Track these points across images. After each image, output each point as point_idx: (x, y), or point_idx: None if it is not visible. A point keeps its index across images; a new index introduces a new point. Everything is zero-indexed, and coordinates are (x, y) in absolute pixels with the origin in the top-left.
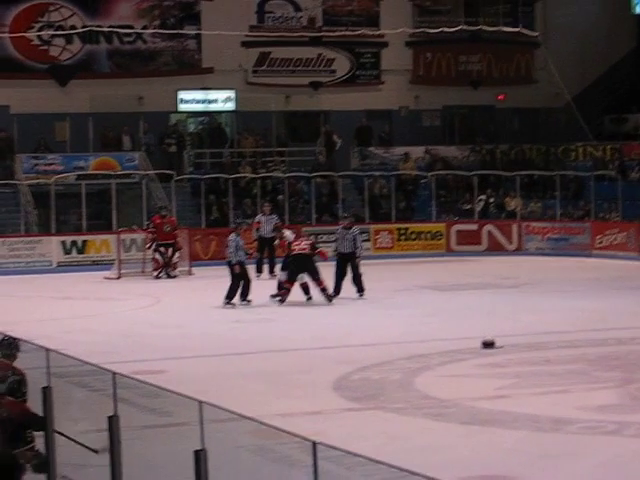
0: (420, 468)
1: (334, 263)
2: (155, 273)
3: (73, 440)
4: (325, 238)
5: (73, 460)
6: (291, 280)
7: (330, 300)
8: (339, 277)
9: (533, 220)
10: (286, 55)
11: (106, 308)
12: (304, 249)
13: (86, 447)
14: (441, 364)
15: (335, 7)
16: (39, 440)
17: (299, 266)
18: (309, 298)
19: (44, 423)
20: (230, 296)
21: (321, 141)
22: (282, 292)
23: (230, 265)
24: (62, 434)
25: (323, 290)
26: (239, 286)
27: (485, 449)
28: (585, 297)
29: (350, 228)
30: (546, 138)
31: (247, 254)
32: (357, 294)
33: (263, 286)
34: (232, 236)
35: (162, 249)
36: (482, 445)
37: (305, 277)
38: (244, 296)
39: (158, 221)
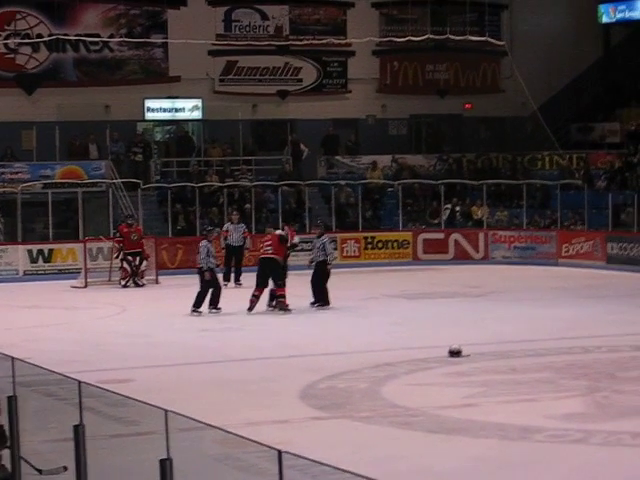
0: (387, 477)
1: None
2: (123, 282)
3: (25, 460)
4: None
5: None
6: (260, 286)
7: (284, 310)
8: (313, 285)
9: (500, 229)
10: (253, 64)
11: (72, 317)
12: (267, 253)
13: (32, 466)
14: (408, 373)
15: (302, 16)
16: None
17: (265, 270)
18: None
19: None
20: (197, 304)
21: (288, 150)
22: (251, 299)
23: (201, 272)
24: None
25: (280, 296)
26: (207, 293)
27: (452, 458)
28: (551, 306)
29: (320, 236)
30: (513, 147)
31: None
32: (314, 304)
33: (230, 295)
34: (203, 243)
35: (130, 258)
36: (449, 454)
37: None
38: (214, 304)
39: (125, 230)
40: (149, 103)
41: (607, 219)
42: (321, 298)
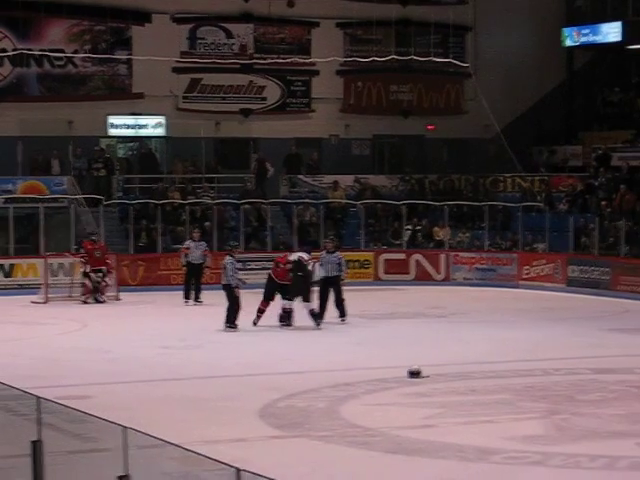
0: None
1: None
2: (83, 298)
3: None
4: (253, 265)
5: None
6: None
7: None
8: (324, 300)
9: (461, 250)
10: (217, 82)
11: (32, 332)
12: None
13: None
14: (367, 393)
15: (266, 35)
16: None
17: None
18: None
19: None
20: (230, 319)
21: (255, 167)
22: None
23: (229, 288)
24: None
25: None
26: (239, 309)
27: (410, 478)
28: (512, 328)
29: (334, 252)
30: (475, 169)
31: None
32: (339, 319)
33: (190, 313)
34: (228, 259)
35: (92, 275)
36: (407, 474)
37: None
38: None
39: (89, 247)
40: (112, 119)
41: (568, 242)
42: (343, 312)
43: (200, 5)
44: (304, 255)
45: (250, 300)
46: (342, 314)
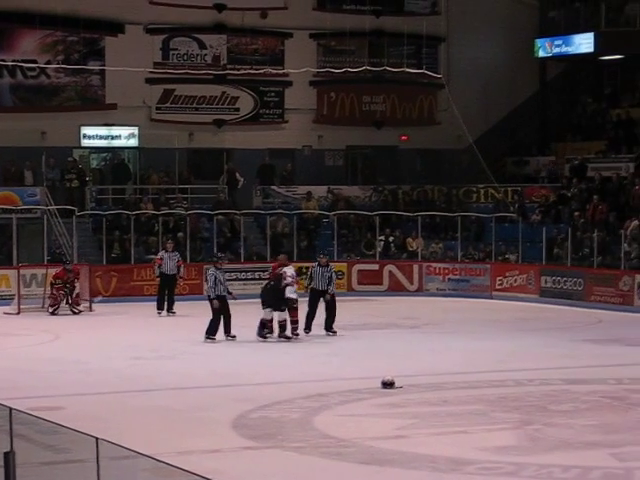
0: None
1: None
2: (51, 309)
3: None
4: (227, 276)
5: None
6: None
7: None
8: (312, 311)
9: (434, 261)
10: (190, 92)
11: (5, 343)
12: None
13: None
14: (340, 403)
15: (240, 45)
16: None
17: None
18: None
19: None
20: (210, 331)
21: (224, 178)
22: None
23: (209, 300)
24: None
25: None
26: (220, 321)
27: None
28: (485, 338)
29: (327, 265)
30: (448, 179)
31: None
32: (326, 330)
33: (164, 324)
34: (211, 270)
35: (59, 286)
36: None
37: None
38: (227, 331)
39: (65, 277)
40: (85, 130)
41: (541, 252)
42: (330, 325)
43: (173, 16)
44: (289, 272)
45: (237, 312)
46: (328, 326)
